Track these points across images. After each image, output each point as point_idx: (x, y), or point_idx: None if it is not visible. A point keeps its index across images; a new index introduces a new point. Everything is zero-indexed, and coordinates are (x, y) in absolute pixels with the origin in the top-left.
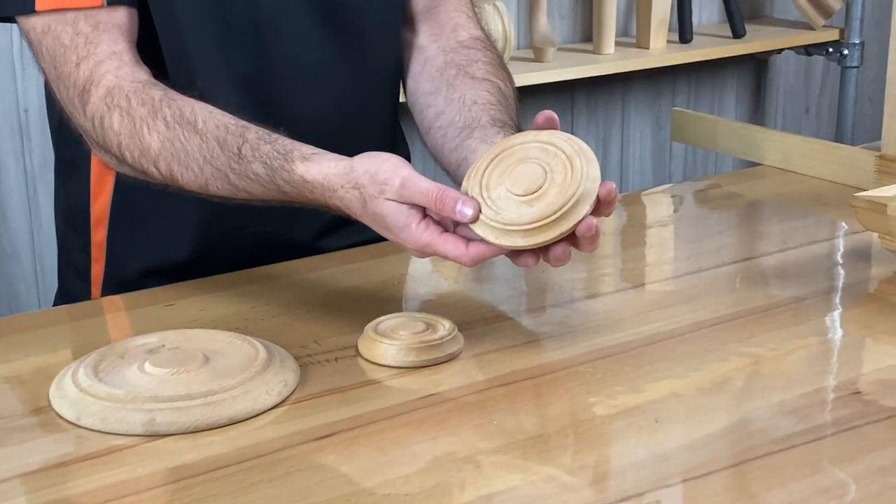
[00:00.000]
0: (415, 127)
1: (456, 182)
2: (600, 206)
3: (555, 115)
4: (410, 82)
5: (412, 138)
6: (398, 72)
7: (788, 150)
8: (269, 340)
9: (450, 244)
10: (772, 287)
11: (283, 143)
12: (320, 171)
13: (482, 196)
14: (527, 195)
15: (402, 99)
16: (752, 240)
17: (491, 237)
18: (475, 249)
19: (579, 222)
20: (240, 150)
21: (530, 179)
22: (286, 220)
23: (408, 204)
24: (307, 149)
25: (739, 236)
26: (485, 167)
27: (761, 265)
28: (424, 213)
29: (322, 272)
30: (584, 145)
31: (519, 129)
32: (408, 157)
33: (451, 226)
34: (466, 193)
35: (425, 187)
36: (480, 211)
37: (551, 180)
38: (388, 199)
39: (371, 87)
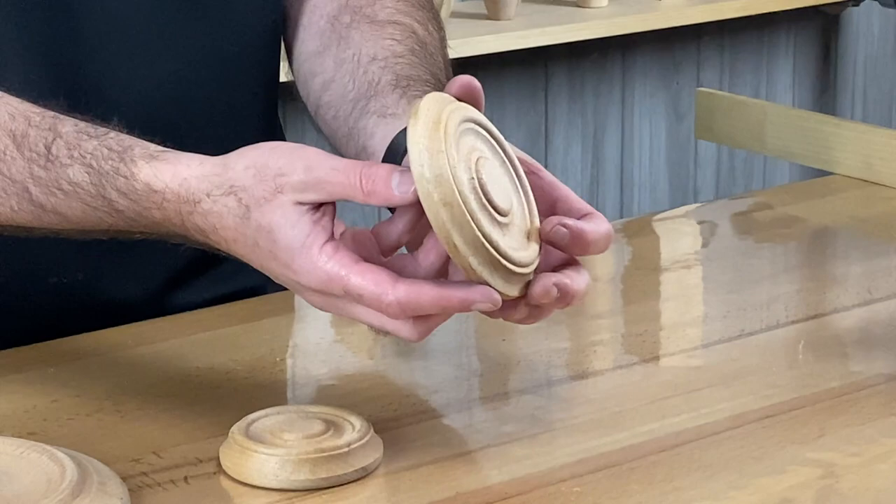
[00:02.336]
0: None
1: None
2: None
3: (477, 84)
4: (294, 43)
5: (305, 131)
6: (275, 35)
7: (872, 152)
8: (81, 452)
9: (369, 276)
10: (851, 360)
11: (119, 137)
12: (176, 173)
13: (476, 189)
14: (503, 215)
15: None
16: (821, 288)
17: (486, 273)
18: (411, 289)
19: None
20: (48, 148)
21: (503, 188)
22: (108, 265)
23: (313, 209)
24: (154, 145)
25: (801, 282)
26: (450, 132)
27: (834, 326)
28: (332, 234)
29: (162, 345)
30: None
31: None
32: None
33: (375, 257)
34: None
35: (341, 167)
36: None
37: (518, 199)
38: (286, 200)
39: (230, 56)
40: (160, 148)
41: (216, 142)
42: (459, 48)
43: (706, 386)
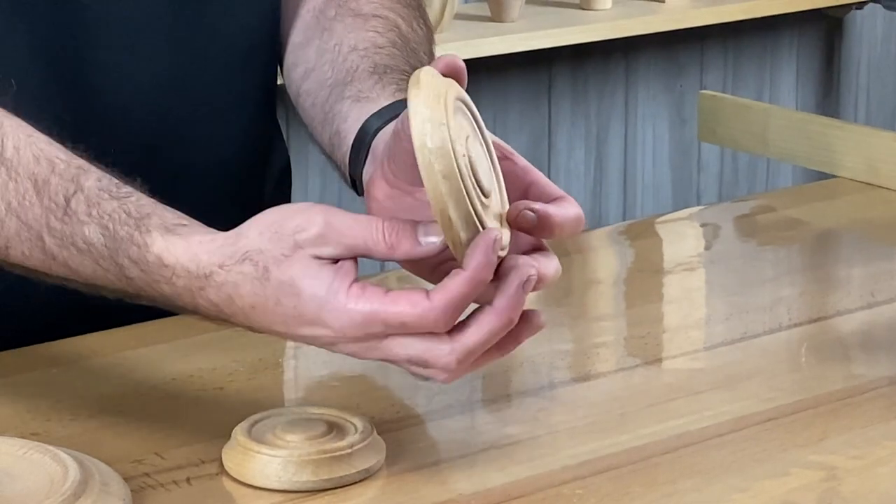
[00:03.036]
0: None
1: (346, 181)
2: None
3: (461, 64)
4: (282, 38)
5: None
6: (273, 31)
7: (876, 155)
8: (83, 452)
9: (403, 299)
10: (854, 362)
11: (140, 202)
12: (188, 248)
13: (468, 167)
14: (486, 196)
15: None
16: (824, 291)
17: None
18: (442, 291)
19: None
20: (68, 201)
21: (485, 171)
22: None
23: (332, 262)
24: (173, 215)
25: (804, 285)
26: (443, 103)
27: (837, 329)
28: (356, 278)
29: (164, 346)
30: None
31: None
32: (287, 167)
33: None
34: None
35: (361, 220)
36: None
37: (494, 183)
38: (305, 254)
39: (229, 53)
40: (178, 218)
41: (215, 138)
42: (463, 50)
43: (708, 388)
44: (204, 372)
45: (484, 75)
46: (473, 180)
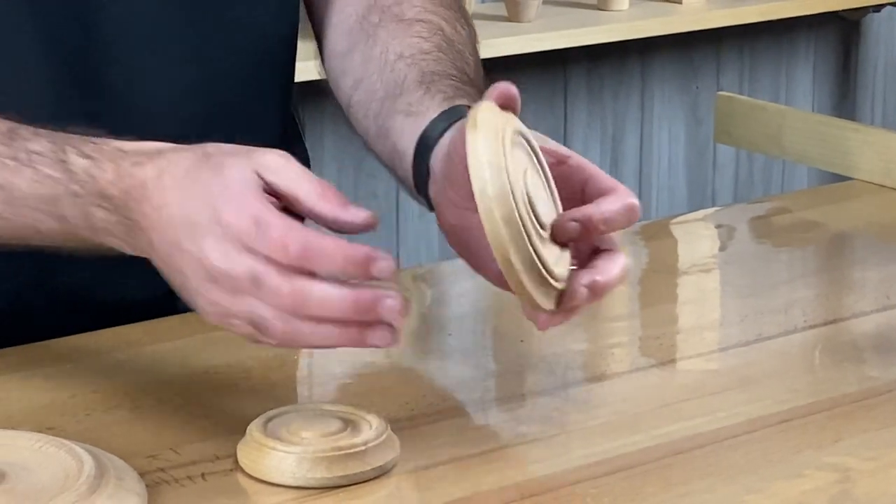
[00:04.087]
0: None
1: (415, 198)
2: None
3: (515, 92)
4: (323, 42)
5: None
6: (292, 38)
7: (892, 157)
8: (98, 447)
9: (328, 239)
10: (868, 365)
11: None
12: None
13: (527, 206)
14: (545, 230)
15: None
16: (839, 293)
17: (533, 290)
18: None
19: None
20: (13, 129)
21: (544, 201)
22: (113, 266)
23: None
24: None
25: (819, 287)
26: (500, 141)
27: (852, 331)
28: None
29: (179, 342)
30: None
31: (476, 86)
32: (306, 166)
33: None
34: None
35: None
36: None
37: (551, 207)
38: (248, 164)
39: (248, 61)
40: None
41: (233, 138)
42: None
43: (723, 389)
44: (219, 368)
45: (500, 75)
46: (532, 217)
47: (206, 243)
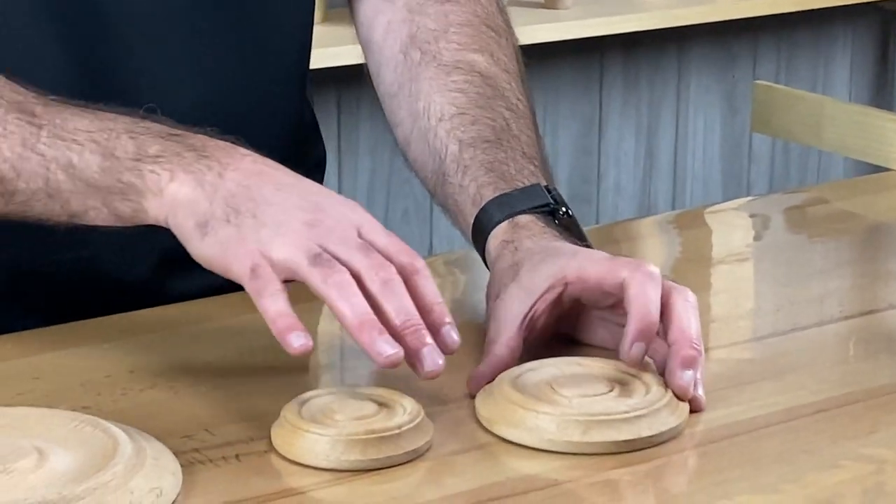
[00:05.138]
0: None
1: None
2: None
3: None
4: (371, 59)
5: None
6: (307, 34)
7: None
8: (134, 427)
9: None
10: None
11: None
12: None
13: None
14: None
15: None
16: (874, 284)
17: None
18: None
19: None
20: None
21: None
22: (112, 245)
23: None
24: None
25: (855, 278)
26: None
27: (887, 323)
28: None
29: (215, 323)
30: None
31: (511, 134)
32: (322, 161)
33: None
34: None
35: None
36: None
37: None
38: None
39: (265, 57)
40: None
41: (250, 136)
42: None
43: (758, 379)
44: (255, 350)
45: (535, 62)
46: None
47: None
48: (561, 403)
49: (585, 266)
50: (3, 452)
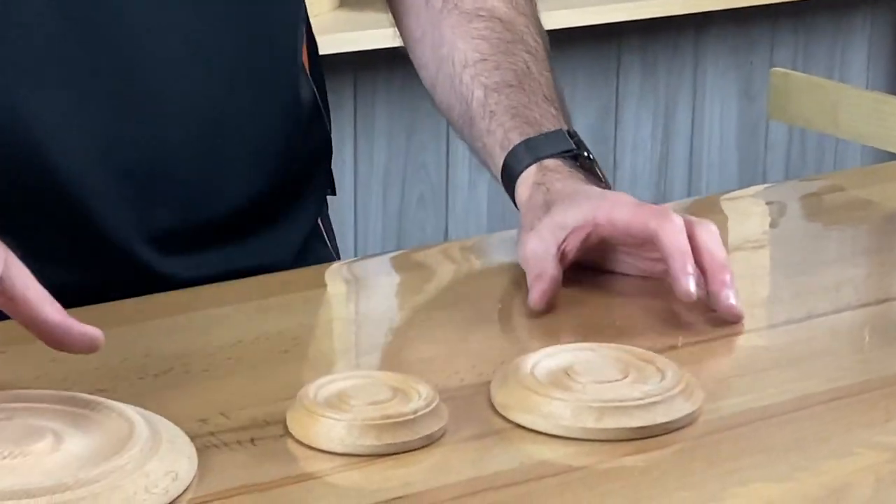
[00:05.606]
0: None
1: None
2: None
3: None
4: (393, 7)
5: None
6: (297, 13)
7: None
8: (150, 410)
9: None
10: None
11: None
12: None
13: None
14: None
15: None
16: (892, 271)
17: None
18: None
19: None
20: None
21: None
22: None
23: None
24: None
25: (871, 266)
26: None
27: None
28: None
29: (230, 307)
30: None
31: (532, 77)
32: (326, 144)
33: None
34: None
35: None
36: None
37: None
38: None
39: (255, 40)
40: None
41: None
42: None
43: (772, 367)
44: (270, 334)
45: (552, 48)
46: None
47: None
48: (575, 390)
49: (615, 210)
50: (20, 435)
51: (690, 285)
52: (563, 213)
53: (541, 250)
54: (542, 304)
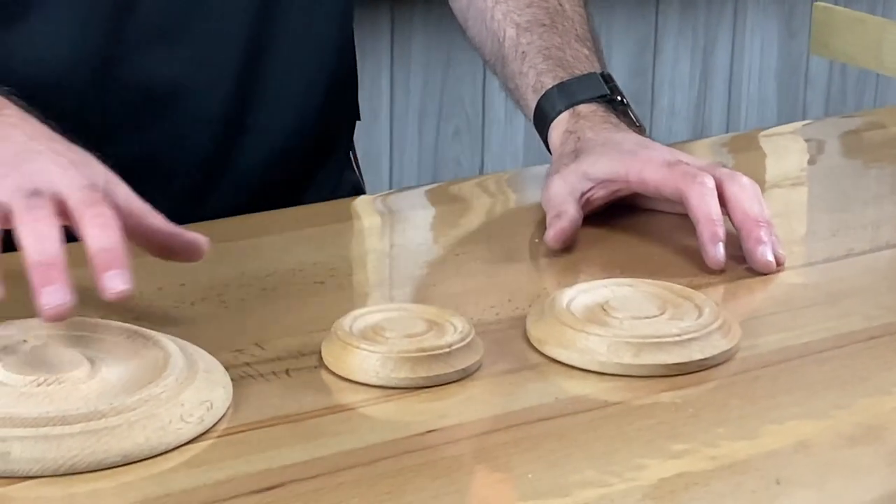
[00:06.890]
0: None
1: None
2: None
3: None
4: None
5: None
6: None
7: None
8: (185, 340)
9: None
10: None
11: None
12: None
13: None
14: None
15: None
16: None
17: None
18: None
19: None
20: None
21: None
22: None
23: None
24: None
25: None
26: None
27: None
28: None
29: (267, 238)
30: None
31: (563, 13)
32: (351, 123)
33: None
34: None
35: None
36: None
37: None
38: None
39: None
40: None
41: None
42: None
43: (811, 304)
44: (306, 266)
45: None
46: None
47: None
48: (612, 325)
49: (646, 170)
50: (57, 362)
51: (718, 254)
52: (593, 163)
53: (564, 192)
54: (559, 244)
